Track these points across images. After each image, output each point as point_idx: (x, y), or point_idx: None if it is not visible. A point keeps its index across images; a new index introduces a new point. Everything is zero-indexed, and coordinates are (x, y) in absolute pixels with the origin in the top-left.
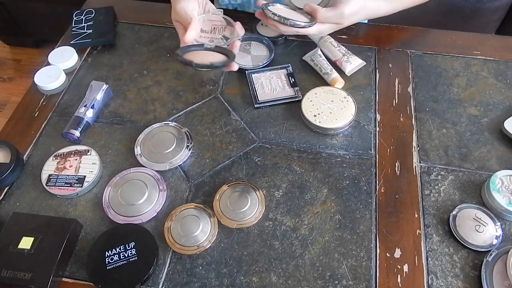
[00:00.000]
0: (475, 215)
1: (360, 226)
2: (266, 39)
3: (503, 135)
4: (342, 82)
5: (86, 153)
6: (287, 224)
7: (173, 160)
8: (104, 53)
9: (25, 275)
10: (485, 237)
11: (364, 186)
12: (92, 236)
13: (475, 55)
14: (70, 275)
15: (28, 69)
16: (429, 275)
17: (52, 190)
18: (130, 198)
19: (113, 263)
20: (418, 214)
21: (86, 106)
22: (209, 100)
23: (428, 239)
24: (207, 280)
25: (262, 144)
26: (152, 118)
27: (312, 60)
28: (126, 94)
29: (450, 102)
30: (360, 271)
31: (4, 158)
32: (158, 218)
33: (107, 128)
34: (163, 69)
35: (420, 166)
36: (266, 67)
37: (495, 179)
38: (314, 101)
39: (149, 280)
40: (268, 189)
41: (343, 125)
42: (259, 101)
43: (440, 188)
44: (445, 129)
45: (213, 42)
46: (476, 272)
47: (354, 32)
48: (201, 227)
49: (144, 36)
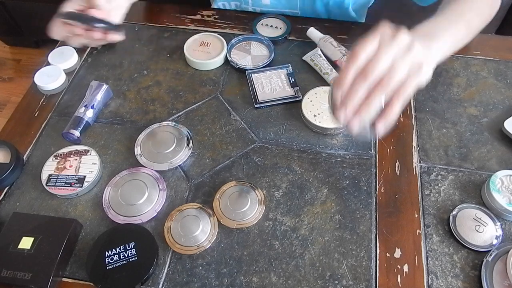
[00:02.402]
0: (475, 215)
1: (360, 226)
2: (266, 39)
3: (503, 135)
4: None
5: (86, 153)
6: (287, 224)
7: (173, 160)
8: (104, 53)
9: (25, 275)
10: (485, 237)
11: (364, 186)
12: (92, 236)
13: (475, 55)
14: (70, 275)
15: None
16: (429, 275)
17: (52, 190)
18: (130, 198)
19: (113, 263)
20: (418, 214)
21: (86, 106)
22: (209, 100)
23: (428, 239)
24: (207, 280)
25: (262, 144)
26: (152, 118)
27: (312, 60)
28: (126, 94)
29: (450, 102)
30: (360, 271)
31: (4, 158)
32: (158, 218)
33: (107, 128)
34: (163, 69)
35: (420, 166)
36: (266, 67)
37: (495, 179)
38: (314, 101)
39: (149, 280)
40: (268, 189)
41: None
42: (259, 101)
43: (440, 188)
44: (445, 129)
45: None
46: (476, 272)
47: (354, 32)
48: (201, 227)
49: (144, 36)
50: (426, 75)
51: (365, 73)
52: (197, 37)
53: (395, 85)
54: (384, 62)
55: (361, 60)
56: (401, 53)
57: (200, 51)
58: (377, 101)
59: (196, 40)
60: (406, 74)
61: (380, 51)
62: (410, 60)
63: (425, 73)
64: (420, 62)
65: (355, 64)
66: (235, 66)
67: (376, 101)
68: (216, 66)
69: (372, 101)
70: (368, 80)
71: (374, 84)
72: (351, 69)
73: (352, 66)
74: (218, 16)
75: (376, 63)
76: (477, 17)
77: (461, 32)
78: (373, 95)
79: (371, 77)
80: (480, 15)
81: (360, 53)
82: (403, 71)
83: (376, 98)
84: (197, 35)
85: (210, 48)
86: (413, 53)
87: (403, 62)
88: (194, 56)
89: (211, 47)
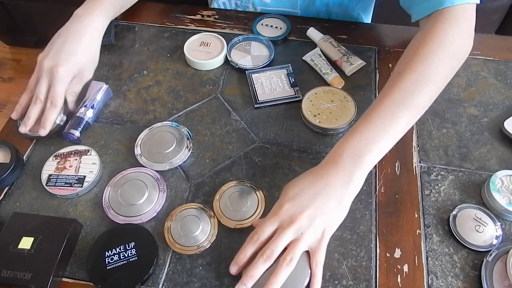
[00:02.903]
0: (475, 215)
1: (360, 226)
2: (266, 39)
3: (503, 135)
4: (342, 82)
5: (86, 153)
6: None
7: (173, 160)
8: (104, 53)
9: (25, 275)
10: (485, 237)
11: (364, 186)
12: (92, 236)
13: (475, 55)
14: (70, 275)
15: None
16: (429, 275)
17: (52, 190)
18: (130, 198)
19: (113, 263)
20: (418, 214)
21: (86, 106)
22: (209, 100)
23: (428, 239)
24: (207, 280)
25: (262, 144)
26: (152, 118)
27: (312, 60)
28: (126, 94)
29: (450, 102)
30: (360, 271)
31: (4, 158)
32: (158, 218)
33: (107, 128)
34: (163, 69)
35: (420, 166)
36: (266, 67)
37: (495, 179)
38: (314, 101)
39: (149, 280)
40: (268, 189)
41: (343, 125)
42: (259, 101)
43: (440, 188)
44: (445, 129)
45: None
46: (476, 272)
47: (354, 32)
48: (201, 227)
49: (144, 36)
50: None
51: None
52: (197, 37)
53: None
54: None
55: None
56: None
57: (200, 51)
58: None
59: (196, 40)
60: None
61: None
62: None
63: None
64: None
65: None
66: (235, 66)
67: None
68: (216, 66)
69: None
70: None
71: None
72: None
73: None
74: (218, 16)
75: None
76: (427, 99)
77: (397, 134)
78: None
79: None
80: (432, 91)
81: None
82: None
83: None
84: (197, 35)
85: (210, 48)
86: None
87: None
88: (194, 56)
89: (211, 47)
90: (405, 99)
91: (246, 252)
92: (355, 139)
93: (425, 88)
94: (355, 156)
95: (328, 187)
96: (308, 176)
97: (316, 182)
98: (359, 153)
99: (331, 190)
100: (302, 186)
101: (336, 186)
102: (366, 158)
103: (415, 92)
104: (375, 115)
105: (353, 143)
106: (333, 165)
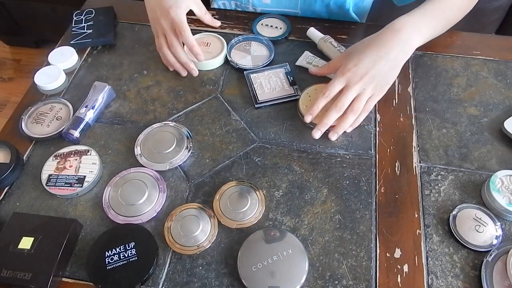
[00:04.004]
0: (475, 215)
1: (360, 226)
2: (266, 39)
3: (503, 135)
4: None
5: (86, 153)
6: (287, 224)
7: (173, 160)
8: (104, 53)
9: (25, 275)
10: (485, 237)
11: (364, 186)
12: (92, 236)
13: (475, 55)
14: (70, 275)
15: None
16: (429, 275)
17: (52, 190)
18: (130, 198)
19: (113, 263)
20: (418, 214)
21: (87, 107)
22: (209, 100)
23: (428, 239)
24: (207, 280)
25: (262, 144)
26: (152, 118)
27: (309, 63)
28: (126, 94)
29: (450, 102)
30: (360, 271)
31: (4, 158)
32: (158, 218)
33: (107, 128)
34: (163, 69)
35: (420, 166)
36: (264, 67)
37: (495, 179)
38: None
39: (149, 280)
40: (268, 189)
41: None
42: (259, 101)
43: (440, 188)
44: (445, 129)
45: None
46: (476, 272)
47: (354, 32)
48: (201, 227)
49: (144, 36)
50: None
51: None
52: (197, 37)
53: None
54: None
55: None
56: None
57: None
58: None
59: (196, 40)
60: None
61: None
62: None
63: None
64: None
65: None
66: (235, 66)
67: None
68: (216, 66)
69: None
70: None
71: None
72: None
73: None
74: (218, 16)
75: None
76: (458, 12)
77: (438, 27)
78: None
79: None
80: (459, 8)
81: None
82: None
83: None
84: (197, 35)
85: (210, 48)
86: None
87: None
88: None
89: (211, 47)
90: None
91: (319, 104)
92: (417, 16)
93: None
94: (415, 29)
95: (389, 52)
96: (372, 42)
97: (379, 47)
98: (418, 26)
99: (390, 55)
100: (365, 51)
101: (394, 52)
102: (423, 30)
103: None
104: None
105: (415, 19)
106: (396, 33)
